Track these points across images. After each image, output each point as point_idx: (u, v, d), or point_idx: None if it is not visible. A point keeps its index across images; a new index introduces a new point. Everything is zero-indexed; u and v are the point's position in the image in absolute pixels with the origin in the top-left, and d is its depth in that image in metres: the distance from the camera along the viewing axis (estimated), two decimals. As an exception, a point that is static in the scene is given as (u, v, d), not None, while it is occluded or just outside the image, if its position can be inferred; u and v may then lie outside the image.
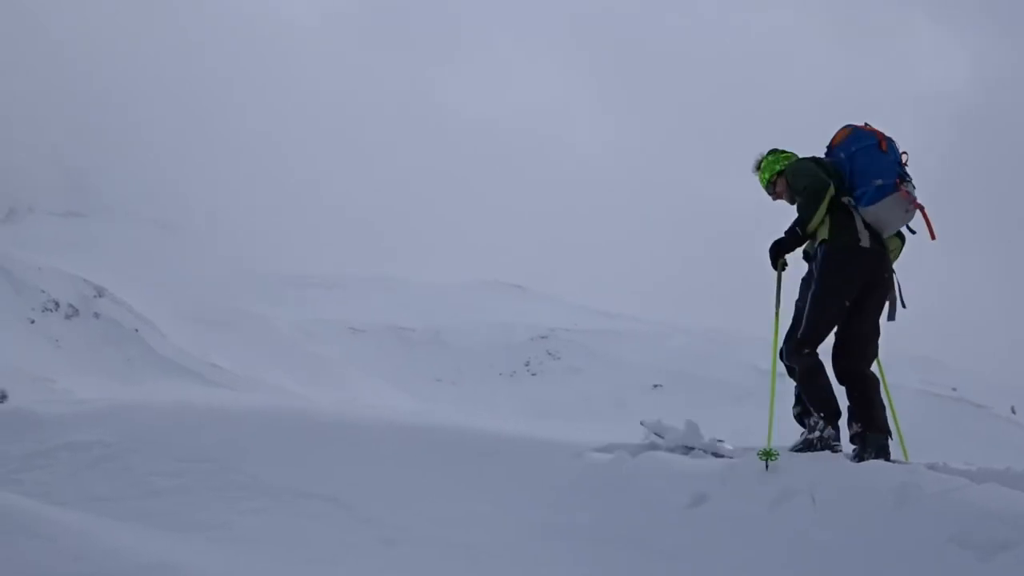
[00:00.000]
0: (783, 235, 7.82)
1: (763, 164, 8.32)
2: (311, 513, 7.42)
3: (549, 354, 58.30)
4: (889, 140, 7.64)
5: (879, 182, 7.46)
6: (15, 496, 7.58)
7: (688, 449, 8.17)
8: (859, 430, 7.50)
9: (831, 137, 7.91)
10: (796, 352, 7.70)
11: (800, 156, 8.10)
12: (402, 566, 6.41)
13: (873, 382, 7.66)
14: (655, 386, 46.33)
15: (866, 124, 7.77)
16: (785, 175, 7.99)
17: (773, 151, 8.32)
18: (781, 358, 7.91)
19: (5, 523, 6.51)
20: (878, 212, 7.52)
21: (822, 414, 7.55)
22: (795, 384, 7.83)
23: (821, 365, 7.69)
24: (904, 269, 7.92)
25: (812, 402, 7.64)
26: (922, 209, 7.56)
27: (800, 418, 7.85)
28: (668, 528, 6.58)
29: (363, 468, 8.25)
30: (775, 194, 8.26)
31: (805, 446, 7.58)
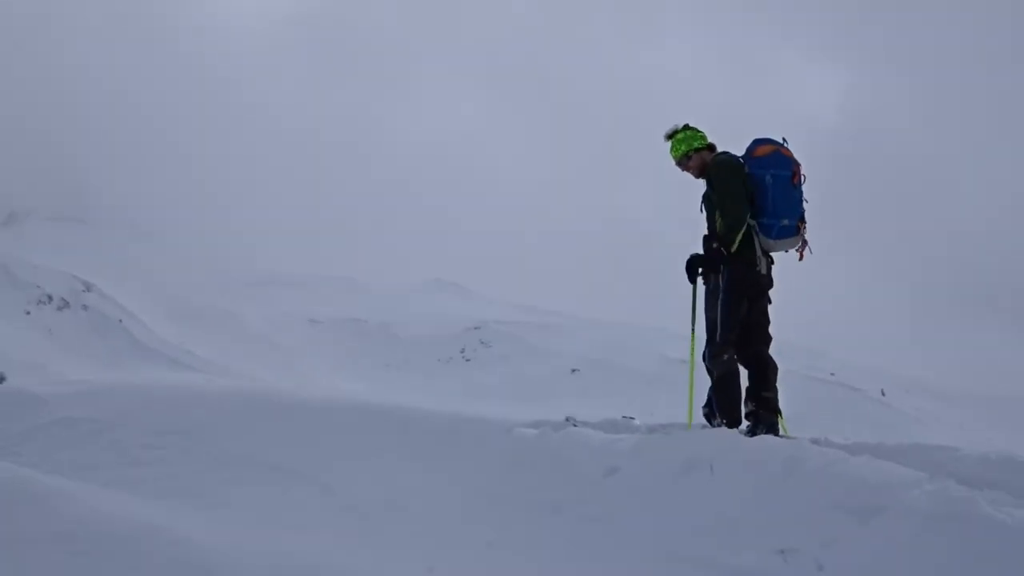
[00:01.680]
0: (700, 253, 7.71)
1: (679, 136, 7.97)
2: (277, 482, 7.37)
3: (482, 343, 58.12)
4: (799, 169, 7.55)
5: (785, 222, 7.45)
6: (13, 466, 7.46)
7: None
8: (753, 408, 7.53)
9: (752, 146, 7.69)
10: (717, 357, 7.59)
11: (709, 143, 7.93)
12: (362, 530, 6.38)
13: (772, 367, 7.67)
14: (573, 371, 46.33)
15: (784, 141, 7.66)
16: (711, 172, 7.71)
17: (687, 127, 8.00)
18: (703, 360, 7.76)
19: (4, 490, 6.40)
20: (776, 245, 7.57)
21: (725, 420, 7.53)
22: (710, 386, 7.74)
23: (737, 374, 7.62)
24: (794, 273, 7.97)
25: (719, 407, 7.60)
26: (806, 242, 7.62)
27: (708, 418, 7.79)
28: (586, 495, 6.58)
29: (322, 442, 8.20)
30: (684, 167, 7.99)
31: None
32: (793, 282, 7.99)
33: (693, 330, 8.12)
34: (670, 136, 8.05)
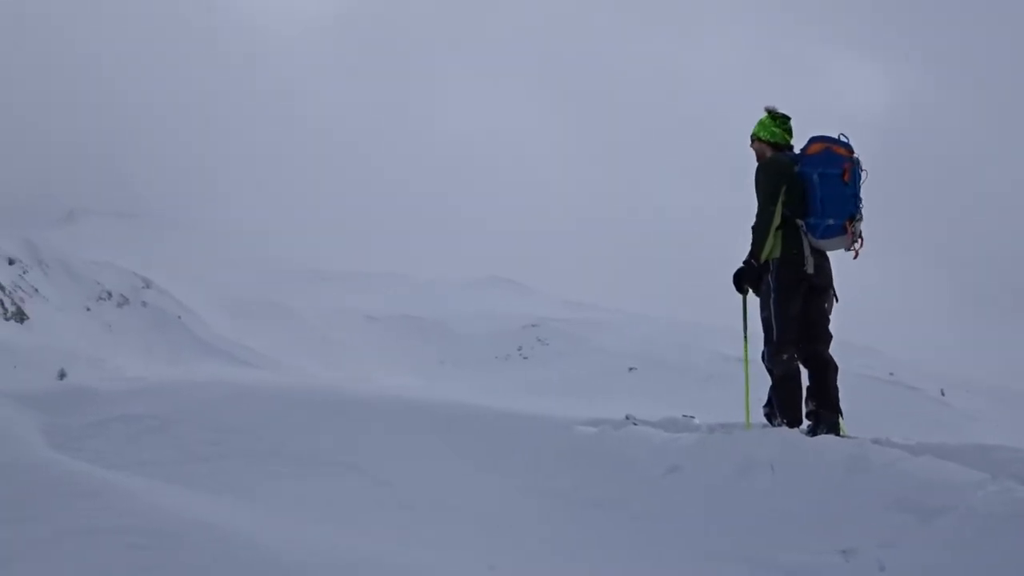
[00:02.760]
0: (742, 265, 7.74)
1: (762, 121, 8.05)
2: (333, 478, 7.41)
3: (539, 340, 58.10)
4: (855, 166, 7.44)
5: (831, 221, 7.38)
6: (75, 461, 7.57)
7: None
8: (814, 408, 7.49)
9: (806, 144, 7.67)
10: (776, 357, 7.57)
11: (786, 142, 7.93)
12: (417, 525, 6.39)
13: (832, 366, 7.62)
14: (631, 369, 46.12)
15: (840, 137, 7.58)
16: (758, 171, 7.78)
17: (775, 117, 8.03)
18: (763, 361, 7.71)
19: (65, 484, 6.51)
20: (823, 244, 7.52)
21: (785, 420, 7.51)
22: (770, 386, 7.73)
23: (797, 374, 7.62)
24: (853, 272, 7.91)
25: (779, 407, 7.59)
26: (861, 239, 7.53)
27: (768, 417, 7.76)
28: (645, 493, 6.56)
29: (379, 439, 8.24)
30: (752, 147, 8.06)
31: None
32: (848, 280, 7.91)
33: (745, 336, 8.11)
34: (767, 110, 8.09)
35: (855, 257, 7.64)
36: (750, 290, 7.84)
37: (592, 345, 52.56)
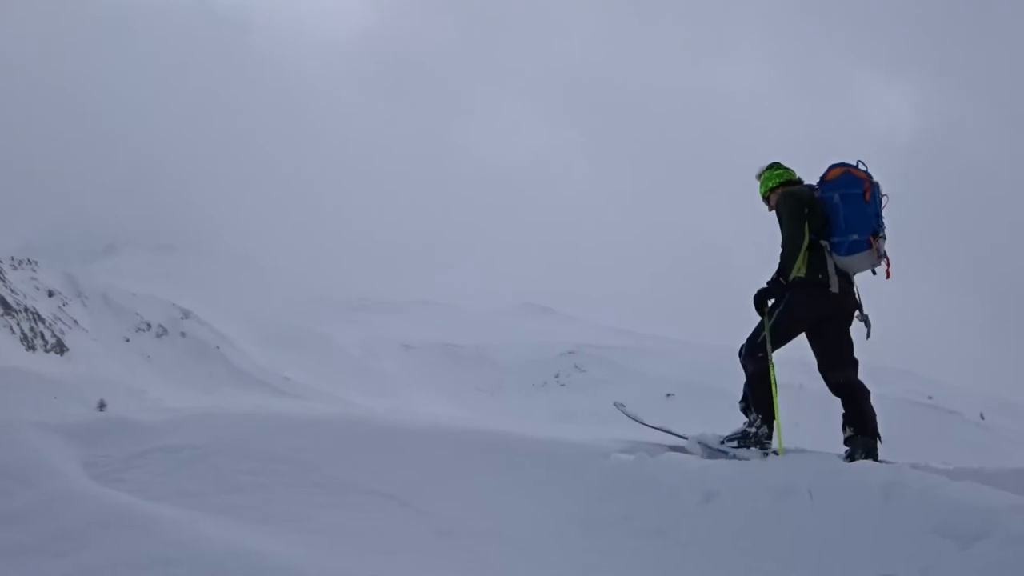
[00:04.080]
0: (766, 285, 7.85)
1: (763, 176, 8.31)
2: (373, 508, 7.45)
3: (576, 367, 58.29)
4: (874, 188, 7.61)
5: (855, 237, 7.48)
6: (117, 493, 7.67)
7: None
8: (852, 433, 7.56)
9: (825, 172, 7.81)
10: (751, 355, 7.91)
11: (794, 178, 8.14)
12: (457, 555, 6.43)
13: (864, 391, 7.68)
14: (668, 395, 46.22)
15: (858, 164, 7.72)
16: (778, 205, 7.90)
17: (773, 166, 8.30)
18: (739, 355, 8.03)
19: (109, 516, 6.61)
20: (848, 263, 7.61)
21: (760, 415, 7.91)
22: (744, 382, 8.04)
23: (767, 372, 7.82)
24: (892, 295, 7.98)
25: (755, 402, 7.95)
26: (886, 257, 7.66)
27: (745, 411, 8.13)
28: (684, 520, 6.57)
29: (418, 468, 8.28)
30: (769, 205, 8.22)
31: (742, 436, 8.02)
32: (887, 304, 7.98)
33: (770, 360, 8.04)
34: (758, 176, 8.35)
35: (887, 277, 7.74)
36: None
37: (629, 371, 52.59)
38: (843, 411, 7.69)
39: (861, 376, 7.82)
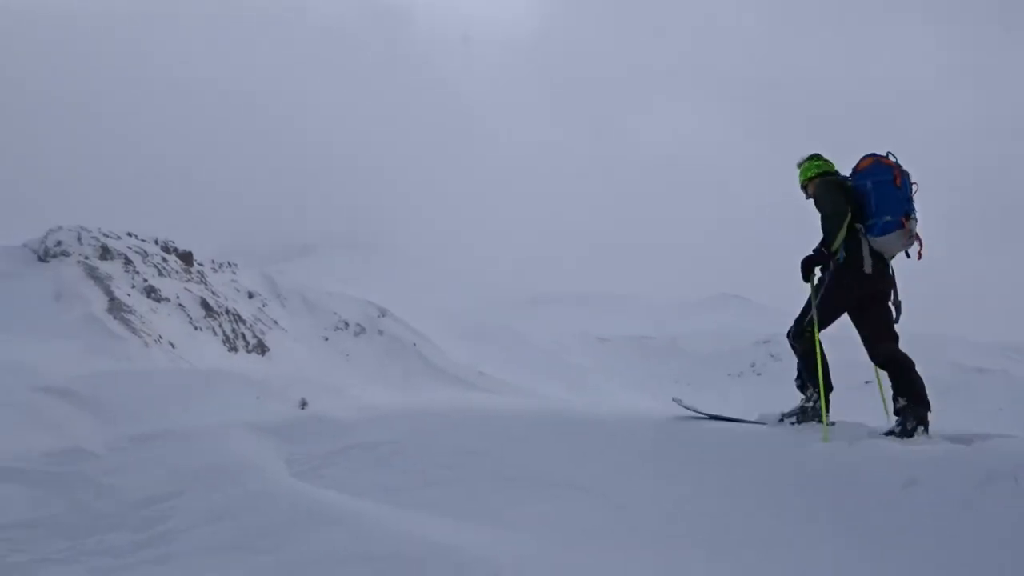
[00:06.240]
0: (812, 253, 8.30)
1: (803, 166, 8.80)
2: (569, 499, 7.49)
3: (771, 356, 57.32)
4: (904, 175, 8.04)
5: (888, 218, 7.95)
6: (320, 489, 7.92)
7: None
8: (904, 404, 7.79)
9: (857, 161, 8.28)
10: (800, 335, 8.42)
11: (832, 170, 8.66)
12: (652, 545, 6.41)
13: (907, 361, 7.92)
14: (866, 382, 45.08)
15: (888, 154, 8.14)
16: (816, 190, 8.40)
17: (813, 157, 8.83)
18: (787, 337, 8.58)
19: (313, 511, 6.83)
20: (883, 243, 8.04)
21: (817, 390, 8.41)
22: (797, 360, 8.57)
23: (814, 348, 8.38)
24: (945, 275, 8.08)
25: (810, 378, 8.50)
26: (919, 238, 8.08)
27: (801, 388, 8.65)
28: (883, 507, 6.43)
29: (613, 459, 8.31)
30: (807, 193, 8.72)
31: (800, 412, 8.64)
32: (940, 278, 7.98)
33: (815, 323, 8.39)
34: (799, 165, 8.88)
35: (919, 258, 8.16)
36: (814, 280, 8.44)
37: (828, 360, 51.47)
38: (891, 383, 7.98)
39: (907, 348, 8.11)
